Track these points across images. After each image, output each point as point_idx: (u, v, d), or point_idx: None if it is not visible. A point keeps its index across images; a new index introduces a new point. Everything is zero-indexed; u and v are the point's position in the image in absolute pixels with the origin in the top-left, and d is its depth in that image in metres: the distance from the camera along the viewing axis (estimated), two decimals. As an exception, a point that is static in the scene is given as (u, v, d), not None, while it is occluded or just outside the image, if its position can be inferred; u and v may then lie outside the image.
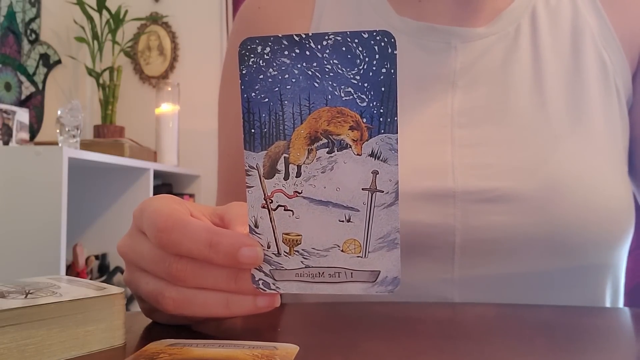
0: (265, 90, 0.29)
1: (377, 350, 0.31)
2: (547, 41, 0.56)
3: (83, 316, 0.30)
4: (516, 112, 0.54)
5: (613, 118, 0.56)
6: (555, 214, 0.49)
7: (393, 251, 0.30)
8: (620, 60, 0.57)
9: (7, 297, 0.30)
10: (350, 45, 0.28)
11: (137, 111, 2.54)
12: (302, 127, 0.29)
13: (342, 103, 0.29)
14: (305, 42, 0.28)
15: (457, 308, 0.47)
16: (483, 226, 0.50)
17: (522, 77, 0.55)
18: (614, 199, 0.52)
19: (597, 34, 0.57)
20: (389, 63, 0.28)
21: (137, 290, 0.36)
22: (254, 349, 0.29)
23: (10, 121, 1.85)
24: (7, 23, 2.08)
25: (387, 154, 0.29)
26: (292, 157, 0.30)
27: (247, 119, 0.30)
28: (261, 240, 0.31)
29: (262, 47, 0.29)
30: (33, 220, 1.44)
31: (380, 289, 0.30)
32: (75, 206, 1.78)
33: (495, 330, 0.37)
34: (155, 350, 0.29)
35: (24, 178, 1.45)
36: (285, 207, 0.30)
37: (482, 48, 0.56)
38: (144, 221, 0.33)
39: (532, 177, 0.51)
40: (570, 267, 0.51)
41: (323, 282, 0.31)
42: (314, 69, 0.28)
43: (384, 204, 0.29)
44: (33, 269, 1.40)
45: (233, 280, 0.32)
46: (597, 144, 0.54)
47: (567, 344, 0.34)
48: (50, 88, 2.32)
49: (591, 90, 0.55)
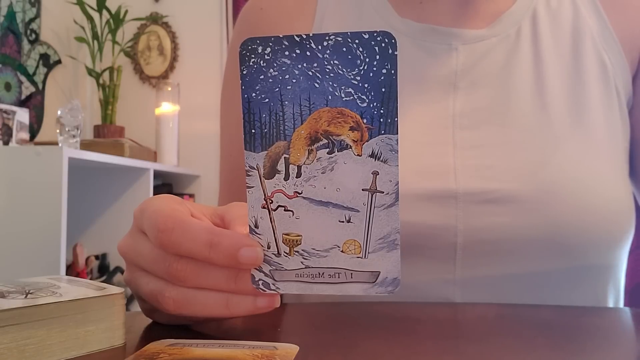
0: (265, 90, 0.29)
1: (377, 350, 0.31)
2: (548, 43, 0.56)
3: (83, 316, 0.30)
4: (517, 114, 0.54)
5: (613, 120, 0.56)
6: (556, 215, 0.50)
7: (393, 252, 0.30)
8: (621, 61, 0.57)
9: (7, 297, 0.30)
10: (350, 45, 0.28)
11: (137, 111, 2.54)
12: (302, 127, 0.29)
13: (343, 104, 0.29)
14: (306, 42, 0.28)
15: (457, 308, 0.47)
16: (484, 227, 0.50)
17: (523, 79, 0.55)
18: (615, 200, 0.52)
19: (598, 35, 0.57)
20: (389, 64, 0.28)
21: (137, 290, 0.36)
22: (254, 349, 0.29)
23: (10, 121, 1.85)
24: (7, 23, 2.08)
25: (388, 154, 0.29)
26: (293, 157, 0.30)
27: (248, 119, 0.30)
28: (261, 240, 0.31)
29: (262, 47, 0.29)
30: (33, 220, 1.44)
31: (380, 290, 0.30)
32: (75, 206, 1.78)
33: (495, 330, 0.37)
34: (155, 350, 0.29)
35: (24, 178, 1.45)
36: (286, 208, 0.30)
37: (483, 50, 0.56)
38: (145, 221, 0.33)
39: (533, 179, 0.51)
40: (571, 268, 0.51)
41: (323, 282, 0.31)
42: (314, 70, 0.28)
43: (384, 205, 0.29)
44: (33, 269, 1.40)
45: (233, 280, 0.32)
46: (597, 146, 0.54)
47: (567, 344, 0.34)
48: (50, 88, 2.32)
49: (592, 92, 0.55)
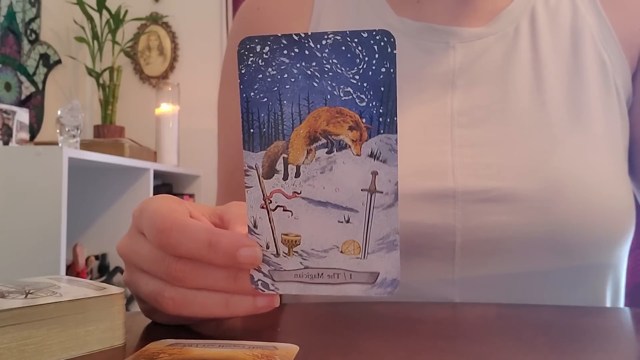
0: (264, 89, 0.29)
1: (377, 350, 0.31)
2: (547, 41, 0.56)
3: (83, 316, 0.30)
4: (516, 112, 0.54)
5: (613, 118, 0.56)
6: (555, 213, 0.49)
7: (392, 253, 0.30)
8: (620, 60, 0.57)
9: (7, 297, 0.30)
10: (349, 44, 0.28)
11: (137, 111, 2.54)
12: (301, 127, 0.29)
13: (342, 103, 0.28)
14: (305, 41, 0.28)
15: (457, 308, 0.47)
16: (483, 226, 0.50)
17: (522, 77, 0.55)
18: (614, 198, 0.52)
19: (597, 33, 0.57)
20: (388, 63, 0.28)
21: (136, 291, 0.36)
22: (254, 349, 0.29)
23: (10, 121, 1.85)
24: (7, 23, 2.08)
25: (387, 154, 0.29)
26: (291, 157, 0.30)
27: (246, 118, 0.30)
28: (260, 240, 0.31)
29: (261, 46, 0.29)
30: (33, 220, 1.43)
31: (380, 291, 0.30)
32: (75, 206, 1.78)
33: (495, 330, 0.37)
34: (155, 350, 0.29)
35: (24, 178, 1.45)
36: (284, 208, 0.30)
37: (481, 48, 0.56)
38: (144, 222, 0.33)
39: (532, 177, 0.51)
40: (570, 267, 0.51)
41: (322, 283, 0.31)
42: (313, 69, 0.28)
43: (383, 205, 0.29)
44: (33, 269, 1.40)
45: (232, 280, 0.32)
46: (597, 144, 0.54)
47: (567, 344, 0.34)
48: (50, 88, 2.32)
49: (591, 90, 0.55)
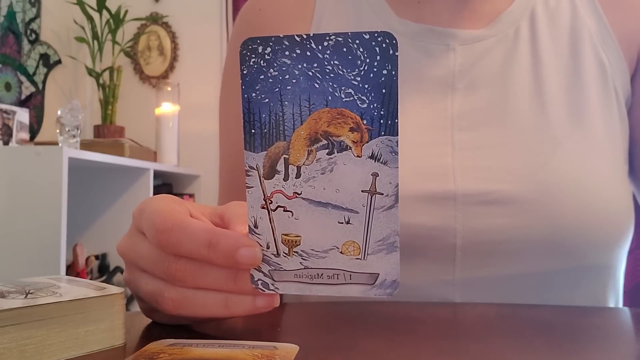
0: (265, 90, 0.29)
1: (377, 350, 0.31)
2: (547, 43, 0.56)
3: (83, 316, 0.30)
4: (516, 115, 0.54)
5: (612, 119, 0.56)
6: (555, 215, 0.50)
7: (392, 254, 0.30)
8: (619, 61, 0.57)
9: (7, 297, 0.30)
10: (351, 46, 0.28)
11: (137, 111, 2.54)
12: (302, 128, 0.29)
13: (343, 104, 0.28)
14: (306, 42, 0.28)
15: (457, 308, 0.47)
16: (484, 228, 0.50)
17: (522, 80, 0.55)
18: (614, 200, 0.52)
19: (596, 35, 0.57)
20: (390, 64, 0.28)
21: (136, 291, 0.36)
22: (254, 349, 0.29)
23: (10, 121, 1.85)
24: (7, 23, 2.08)
25: (388, 156, 0.29)
26: (292, 158, 0.30)
27: (248, 119, 0.30)
28: (260, 240, 0.31)
29: (263, 47, 0.29)
30: (33, 220, 1.43)
31: (379, 292, 0.30)
32: (75, 206, 1.78)
33: (495, 330, 0.37)
34: (155, 350, 0.29)
35: (24, 178, 1.45)
36: (285, 208, 0.30)
37: (481, 50, 0.56)
38: (143, 222, 0.33)
39: (532, 179, 0.51)
40: (570, 268, 0.51)
41: (322, 283, 0.31)
42: (314, 70, 0.28)
43: (383, 207, 0.29)
44: (33, 269, 1.40)
45: (232, 280, 0.32)
46: (596, 146, 0.54)
47: (567, 344, 0.34)
48: (50, 88, 2.32)
49: (590, 92, 0.55)
